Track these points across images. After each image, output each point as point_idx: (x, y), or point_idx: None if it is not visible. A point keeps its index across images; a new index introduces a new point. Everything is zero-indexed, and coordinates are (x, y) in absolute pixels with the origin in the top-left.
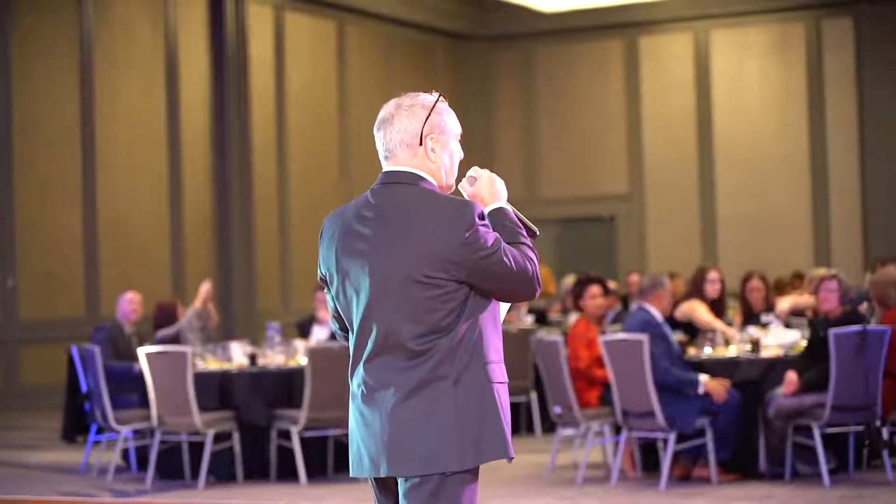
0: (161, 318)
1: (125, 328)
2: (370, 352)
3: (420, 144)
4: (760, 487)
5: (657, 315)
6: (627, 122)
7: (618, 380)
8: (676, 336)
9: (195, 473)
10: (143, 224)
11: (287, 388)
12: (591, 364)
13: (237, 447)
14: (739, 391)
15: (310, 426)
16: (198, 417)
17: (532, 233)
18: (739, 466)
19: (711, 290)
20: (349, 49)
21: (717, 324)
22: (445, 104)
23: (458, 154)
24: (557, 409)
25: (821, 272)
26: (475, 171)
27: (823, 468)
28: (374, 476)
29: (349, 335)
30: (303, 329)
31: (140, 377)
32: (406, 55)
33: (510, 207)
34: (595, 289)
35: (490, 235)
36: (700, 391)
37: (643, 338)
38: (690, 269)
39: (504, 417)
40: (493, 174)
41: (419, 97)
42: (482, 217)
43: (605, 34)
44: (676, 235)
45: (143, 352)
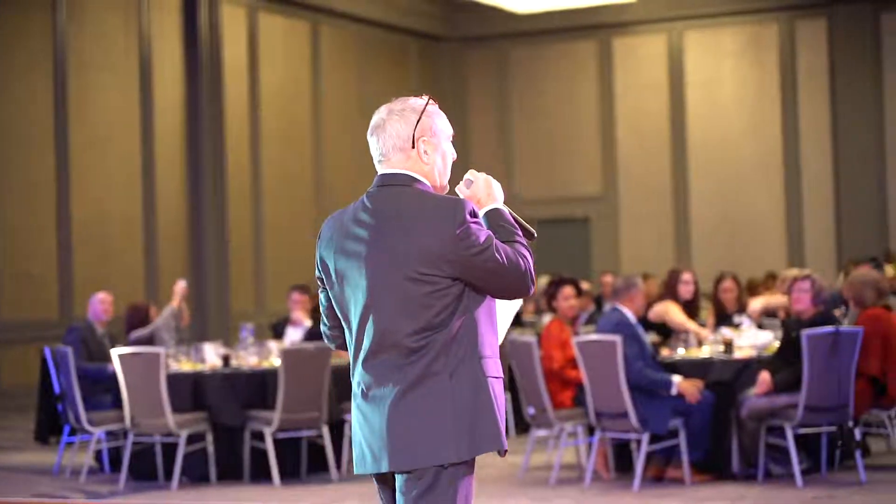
0: (134, 320)
1: (97, 329)
2: (368, 351)
3: (412, 147)
4: (733, 488)
5: (630, 316)
6: (601, 123)
7: (591, 381)
8: (650, 337)
9: (168, 475)
10: (117, 226)
11: (260, 390)
12: (565, 365)
13: (210, 448)
14: (712, 392)
15: (283, 427)
16: (171, 419)
17: (529, 233)
18: (712, 467)
19: (685, 292)
20: (323, 50)
21: (691, 325)
22: (436, 107)
23: (451, 155)
24: (531, 410)
25: (794, 272)
26: (472, 175)
27: (796, 469)
28: (377, 472)
29: (344, 335)
30: (276, 330)
31: (113, 378)
32: (380, 56)
33: (506, 209)
34: (568, 290)
35: (482, 233)
36: (673, 392)
37: (616, 339)
38: (664, 270)
39: (498, 411)
40: (489, 176)
41: (409, 101)
42: (474, 215)
43: (579, 35)
44: (650, 236)
45: (117, 353)
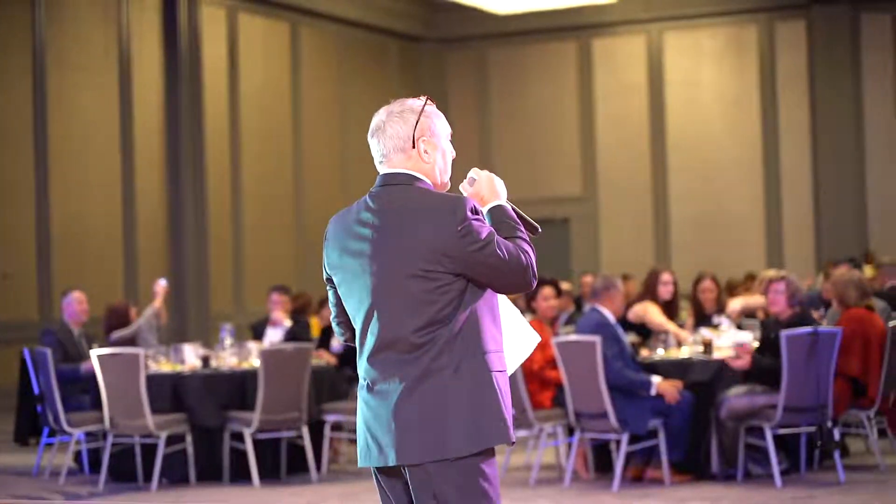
0: (113, 321)
1: (73, 330)
2: (374, 347)
3: (413, 147)
4: (713, 488)
5: (610, 316)
6: (581, 124)
7: (570, 381)
8: (629, 338)
9: (148, 476)
10: (97, 226)
11: (240, 391)
12: (544, 366)
13: (190, 449)
14: (692, 392)
15: (263, 428)
16: (150, 420)
17: (533, 229)
18: (692, 467)
19: (664, 292)
20: (302, 50)
21: (670, 325)
22: (433, 107)
23: (451, 153)
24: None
25: (771, 273)
26: (475, 172)
27: (775, 469)
28: (383, 465)
29: (353, 335)
30: (256, 331)
31: (87, 377)
32: (359, 56)
33: (509, 205)
34: (548, 290)
35: (483, 229)
36: (652, 392)
37: (596, 339)
38: (644, 271)
39: (504, 404)
40: (492, 174)
41: (407, 102)
42: (475, 211)
43: (559, 36)
44: (630, 237)
45: (96, 354)
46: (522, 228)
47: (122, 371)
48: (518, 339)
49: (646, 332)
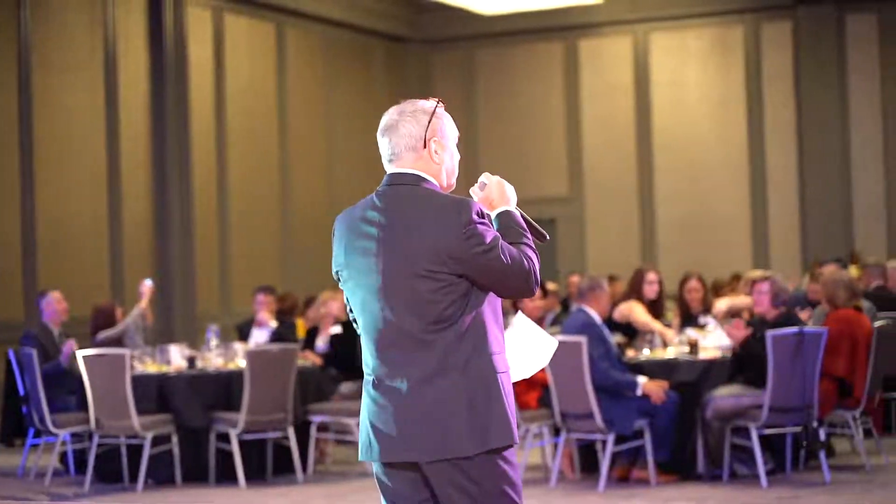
0: (99, 321)
1: (53, 330)
2: (380, 343)
3: (424, 147)
4: (698, 488)
5: (596, 317)
6: (567, 125)
7: (556, 382)
8: (615, 338)
9: (134, 476)
10: (82, 226)
11: (226, 391)
12: None
13: (176, 450)
14: (677, 393)
15: (249, 429)
16: (136, 420)
17: (541, 236)
18: (677, 467)
19: (650, 291)
20: (288, 51)
21: (655, 325)
22: (443, 109)
23: (457, 156)
24: None
25: (756, 274)
26: (486, 177)
27: (761, 469)
28: (386, 461)
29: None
30: (242, 332)
31: (68, 362)
32: (345, 57)
33: (518, 211)
34: None
35: (489, 233)
36: (638, 393)
37: (582, 340)
38: (630, 271)
39: (509, 405)
40: (503, 180)
41: (419, 103)
42: (481, 215)
43: (545, 37)
44: (616, 237)
45: (81, 355)
46: (529, 235)
47: (108, 372)
48: (537, 346)
49: (632, 333)
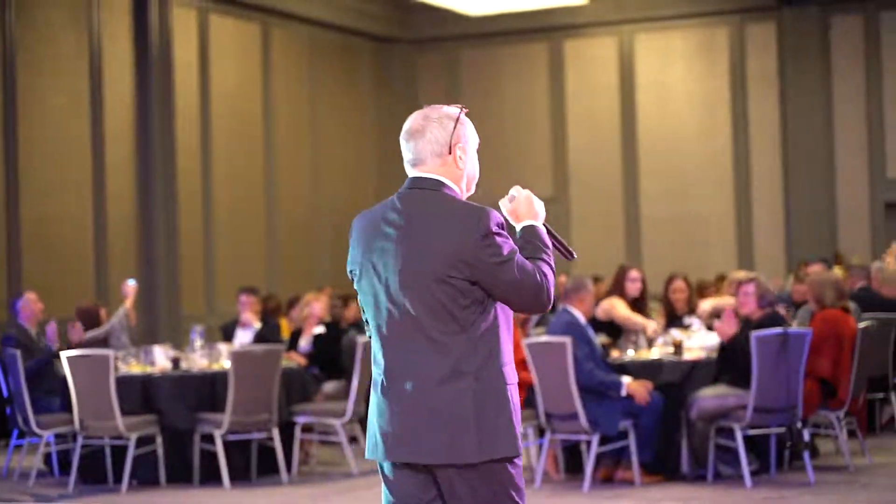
0: (84, 322)
1: (30, 330)
2: (392, 343)
3: (449, 153)
4: (683, 489)
5: (580, 317)
6: (552, 125)
7: (541, 382)
8: (600, 338)
9: (118, 478)
10: (67, 227)
11: (210, 392)
12: (516, 366)
13: (160, 451)
14: (662, 393)
15: (233, 430)
16: (120, 421)
17: (569, 253)
18: (662, 468)
19: (632, 289)
20: (273, 51)
21: (637, 318)
22: (465, 115)
23: (477, 163)
24: None
25: (741, 275)
26: (515, 190)
27: (745, 470)
28: (393, 460)
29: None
30: (226, 333)
31: (53, 360)
32: (331, 58)
33: (543, 227)
34: None
35: (506, 245)
36: (623, 393)
37: (566, 340)
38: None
39: (515, 417)
40: (532, 194)
41: (444, 109)
42: (500, 226)
43: (530, 38)
44: (601, 237)
45: (65, 355)
46: (549, 251)
47: (92, 372)
48: None
49: (616, 333)
